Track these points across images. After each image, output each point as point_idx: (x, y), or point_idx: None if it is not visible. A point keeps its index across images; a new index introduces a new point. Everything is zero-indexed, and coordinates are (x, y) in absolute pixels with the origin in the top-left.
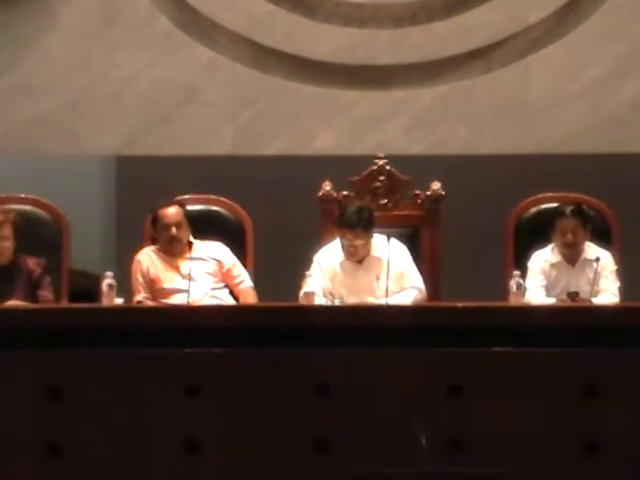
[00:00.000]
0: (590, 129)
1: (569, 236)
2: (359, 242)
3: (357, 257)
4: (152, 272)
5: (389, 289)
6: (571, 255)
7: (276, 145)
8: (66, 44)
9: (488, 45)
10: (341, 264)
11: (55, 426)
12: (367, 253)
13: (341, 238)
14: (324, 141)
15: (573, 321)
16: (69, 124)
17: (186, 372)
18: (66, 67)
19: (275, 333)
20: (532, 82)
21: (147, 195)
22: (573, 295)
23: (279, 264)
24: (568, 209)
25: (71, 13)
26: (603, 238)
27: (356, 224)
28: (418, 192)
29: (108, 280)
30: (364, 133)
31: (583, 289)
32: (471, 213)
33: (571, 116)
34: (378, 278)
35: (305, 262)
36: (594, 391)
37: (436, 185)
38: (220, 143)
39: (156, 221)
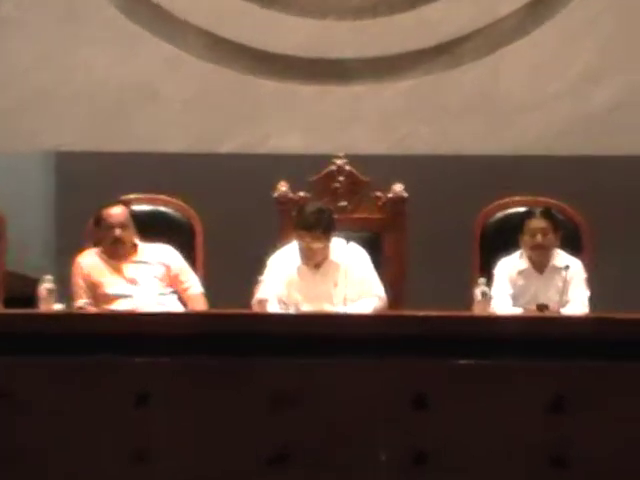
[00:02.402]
0: (563, 129)
1: (538, 237)
2: (317, 245)
3: (314, 261)
4: (94, 276)
5: (347, 297)
6: (540, 260)
7: (232, 143)
8: (20, 40)
9: (456, 38)
10: (298, 269)
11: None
12: (325, 258)
13: (298, 241)
14: (282, 139)
15: (540, 332)
16: (13, 120)
17: (132, 382)
18: (16, 63)
19: (226, 342)
20: (503, 78)
21: (90, 194)
22: (542, 308)
23: (231, 269)
24: (538, 210)
25: (29, 6)
26: (573, 246)
27: (314, 226)
28: (379, 194)
29: (47, 284)
30: (324, 131)
31: (551, 298)
32: (436, 217)
33: (543, 115)
34: (336, 285)
35: (259, 266)
36: (561, 404)
37: (398, 187)
38: (174, 140)
39: (99, 221)
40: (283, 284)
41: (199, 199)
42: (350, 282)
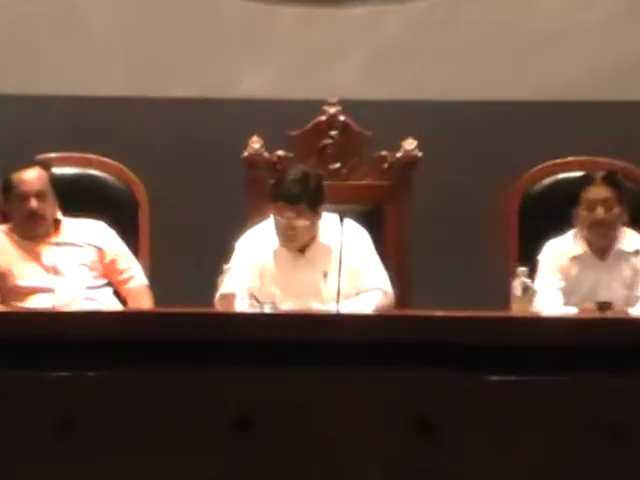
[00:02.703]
0: (619, 66)
1: (600, 211)
2: (301, 223)
3: (298, 244)
4: (1, 263)
5: (342, 291)
6: (601, 242)
7: (185, 86)
8: None
9: None
10: (275, 254)
11: None
12: (312, 239)
13: (275, 216)
14: (252, 80)
15: (601, 338)
16: None
17: (51, 403)
18: None
19: (179, 350)
20: (535, 6)
21: None
22: (604, 307)
23: (185, 254)
24: (599, 175)
25: None
26: None
27: (298, 197)
28: (384, 153)
29: None
30: (308, 69)
31: (616, 294)
32: (457, 184)
33: (588, 51)
34: (326, 275)
35: (223, 251)
36: (616, 429)
37: (410, 143)
38: (107, 81)
39: (9, 189)
40: (255, 274)
41: (143, 160)
42: (345, 271)
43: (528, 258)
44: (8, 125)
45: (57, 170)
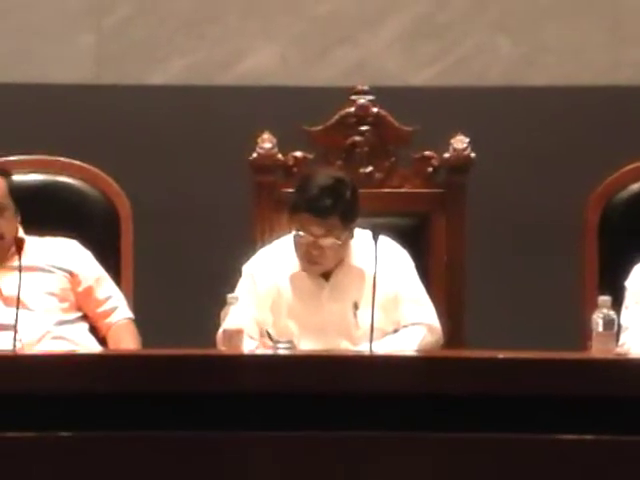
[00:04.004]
0: None
1: None
2: (331, 242)
3: (323, 268)
4: None
5: (377, 326)
6: None
7: (173, 68)
8: None
9: None
10: (292, 280)
11: None
12: (340, 262)
13: (297, 233)
14: (258, 60)
15: None
16: None
17: (14, 468)
18: None
19: (171, 404)
20: None
21: None
22: None
23: (178, 280)
24: None
25: None
26: None
27: (330, 210)
28: (429, 154)
29: None
30: (331, 47)
31: None
32: (519, 192)
33: None
34: (357, 306)
35: (226, 277)
36: None
37: (461, 141)
38: (75, 65)
39: None
40: (267, 306)
41: (124, 163)
42: (381, 302)
43: (611, 284)
44: None
45: (18, 177)
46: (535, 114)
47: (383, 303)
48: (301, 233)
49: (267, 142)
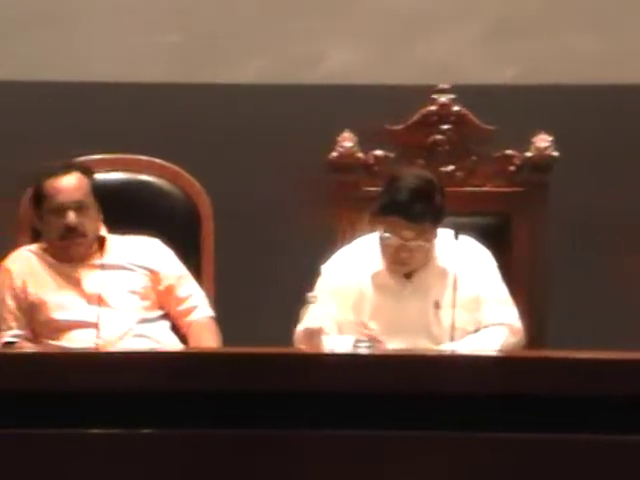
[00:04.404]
0: None
1: None
2: (420, 244)
3: (410, 268)
4: (32, 291)
5: (458, 326)
6: None
7: (251, 68)
8: None
9: None
10: (373, 279)
11: None
12: (423, 262)
13: (384, 234)
14: (340, 59)
15: None
16: None
17: (94, 464)
18: None
19: (251, 402)
20: None
21: (20, 150)
22: None
23: (259, 278)
24: None
25: None
26: None
27: (422, 214)
28: (511, 152)
29: None
30: (412, 45)
31: None
32: (604, 191)
33: None
34: (438, 306)
35: (306, 276)
36: None
37: (543, 140)
38: (158, 64)
39: (40, 200)
40: (347, 305)
41: (205, 162)
42: (463, 302)
43: None
44: (38, 120)
45: (100, 176)
46: (618, 112)
47: (465, 303)
48: (389, 235)
49: (348, 141)
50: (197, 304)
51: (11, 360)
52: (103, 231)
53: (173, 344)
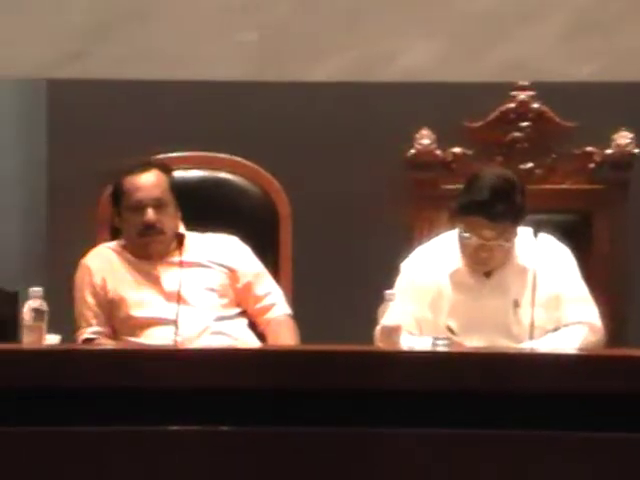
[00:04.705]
0: None
1: None
2: (501, 244)
3: (489, 267)
4: (112, 288)
5: (537, 324)
6: None
7: (333, 65)
8: None
9: None
10: (452, 277)
11: None
12: (503, 261)
13: (464, 234)
14: (418, 56)
15: None
16: None
17: (176, 461)
18: None
19: (330, 400)
20: None
21: (104, 149)
22: None
23: (336, 276)
24: None
25: None
26: None
27: (503, 214)
28: (591, 149)
29: (34, 302)
30: (490, 41)
31: None
32: None
33: None
34: (518, 304)
35: (384, 273)
36: None
37: (624, 137)
38: (235, 62)
39: (119, 197)
40: (426, 303)
41: (284, 160)
42: (542, 300)
43: None
44: (118, 118)
45: (179, 173)
46: None
47: (545, 301)
48: (469, 235)
49: (426, 138)
50: (275, 302)
51: (91, 357)
52: (182, 228)
53: (251, 341)
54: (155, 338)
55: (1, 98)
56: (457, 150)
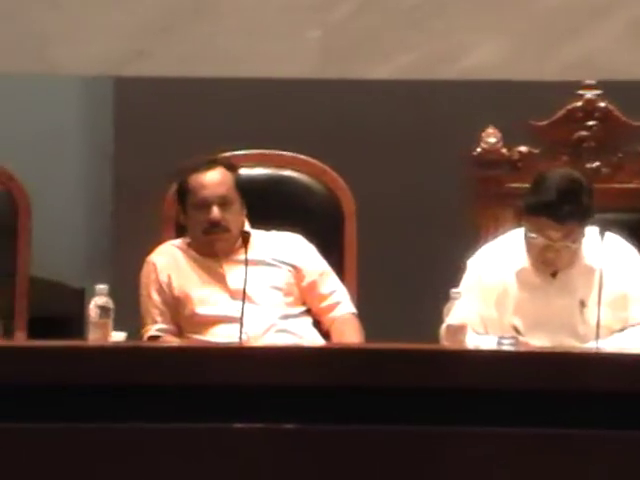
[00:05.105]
0: None
1: None
2: (568, 244)
3: (556, 267)
4: (177, 285)
5: (603, 324)
6: None
7: (397, 62)
8: None
9: None
10: (518, 276)
11: None
12: (570, 262)
13: (530, 233)
14: (484, 54)
15: None
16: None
17: (237, 458)
18: None
19: (395, 398)
20: None
21: (167, 148)
22: None
23: (401, 275)
24: None
25: None
26: None
27: (570, 215)
28: None
29: (100, 299)
30: (557, 39)
31: None
32: None
33: None
34: (584, 304)
35: (449, 272)
36: None
37: None
38: (299, 60)
39: (185, 195)
40: (491, 301)
41: (350, 159)
42: (609, 300)
43: None
44: (182, 115)
45: (244, 171)
46: None
47: (611, 301)
48: (535, 235)
49: (492, 137)
50: (340, 300)
51: (157, 354)
52: (247, 226)
53: (316, 340)
54: (220, 336)
55: (68, 96)
56: (523, 149)
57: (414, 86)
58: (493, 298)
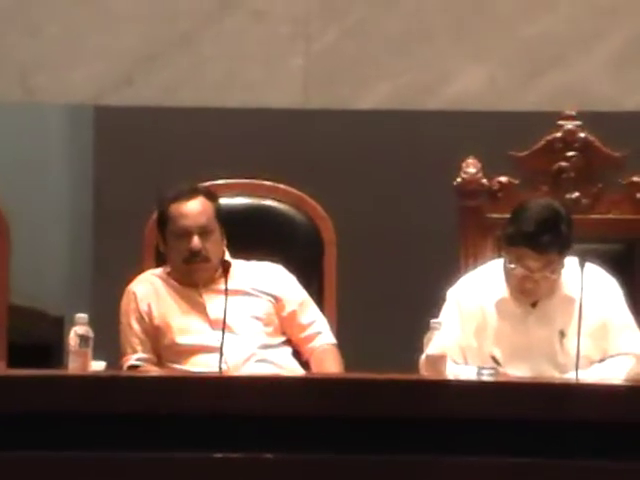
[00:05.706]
0: None
1: None
2: (547, 275)
3: (535, 298)
4: (157, 315)
5: (583, 354)
6: None
7: (379, 92)
8: None
9: None
10: (498, 306)
11: None
12: (549, 292)
13: (510, 265)
14: (466, 84)
15: None
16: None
17: None
18: None
19: (371, 429)
20: None
21: (149, 176)
22: None
23: (381, 305)
24: None
25: None
26: None
27: (549, 245)
28: (637, 179)
29: (80, 328)
30: (538, 70)
31: None
32: None
33: None
34: (564, 334)
35: (429, 302)
36: None
37: None
38: (280, 90)
39: (165, 224)
40: (471, 331)
41: (329, 188)
42: (588, 330)
43: None
44: (163, 144)
45: (224, 201)
46: None
47: (591, 331)
48: (515, 265)
49: (472, 167)
50: (319, 331)
51: (137, 383)
52: (227, 256)
53: (295, 370)
54: (200, 365)
55: (49, 123)
56: (503, 179)
57: (394, 115)
58: (472, 328)
